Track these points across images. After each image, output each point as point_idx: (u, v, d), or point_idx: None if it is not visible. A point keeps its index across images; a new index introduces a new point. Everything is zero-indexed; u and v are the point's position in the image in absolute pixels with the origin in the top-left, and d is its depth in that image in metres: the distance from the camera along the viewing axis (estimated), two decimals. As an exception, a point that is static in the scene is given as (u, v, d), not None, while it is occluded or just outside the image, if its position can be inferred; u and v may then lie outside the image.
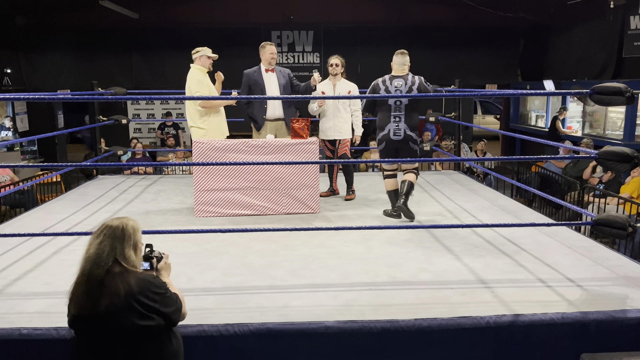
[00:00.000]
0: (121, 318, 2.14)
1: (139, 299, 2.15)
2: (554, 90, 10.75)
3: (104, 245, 2.21)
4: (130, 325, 2.15)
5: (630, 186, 6.27)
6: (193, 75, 5.03)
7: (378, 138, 4.70)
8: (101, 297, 2.14)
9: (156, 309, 2.19)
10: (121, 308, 2.14)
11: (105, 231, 2.24)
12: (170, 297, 2.27)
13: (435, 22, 11.95)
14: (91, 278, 2.17)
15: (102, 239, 2.22)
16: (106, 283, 2.15)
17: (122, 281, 2.16)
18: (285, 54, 12.45)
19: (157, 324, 2.20)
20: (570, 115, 11.31)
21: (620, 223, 3.23)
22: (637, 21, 9.15)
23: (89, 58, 11.80)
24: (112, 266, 2.18)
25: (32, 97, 4.73)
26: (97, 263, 2.18)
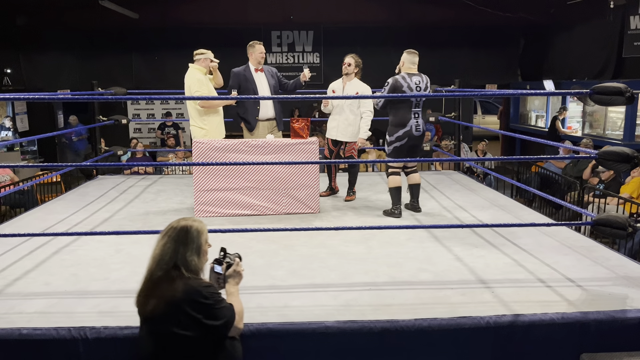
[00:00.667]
0: (162, 323, 2.14)
1: (183, 307, 2.13)
2: (554, 90, 10.75)
3: (167, 248, 2.20)
4: (167, 332, 2.14)
5: (630, 186, 6.27)
6: (192, 75, 5.03)
7: (397, 135, 4.67)
8: (151, 299, 2.15)
9: (198, 320, 2.14)
10: (164, 314, 2.13)
11: (170, 233, 2.23)
12: (220, 310, 2.19)
13: (435, 22, 11.95)
14: (151, 278, 2.19)
15: (166, 240, 2.22)
16: (159, 286, 2.15)
17: (171, 287, 2.14)
18: (285, 54, 12.45)
19: (197, 335, 2.15)
20: (570, 115, 11.31)
21: (620, 223, 3.23)
22: (637, 21, 9.15)
23: (89, 58, 11.81)
24: (171, 270, 2.17)
25: (32, 97, 4.73)
26: (159, 264, 2.19)
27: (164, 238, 2.23)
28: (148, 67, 12.08)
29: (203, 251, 2.29)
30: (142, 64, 12.12)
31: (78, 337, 2.60)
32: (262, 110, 5.36)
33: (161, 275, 2.17)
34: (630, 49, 9.33)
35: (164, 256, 2.19)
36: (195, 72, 5.05)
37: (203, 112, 5.03)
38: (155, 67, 11.97)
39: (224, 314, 2.20)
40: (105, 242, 4.05)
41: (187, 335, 2.14)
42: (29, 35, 11.70)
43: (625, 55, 9.50)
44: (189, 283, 2.17)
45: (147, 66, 12.09)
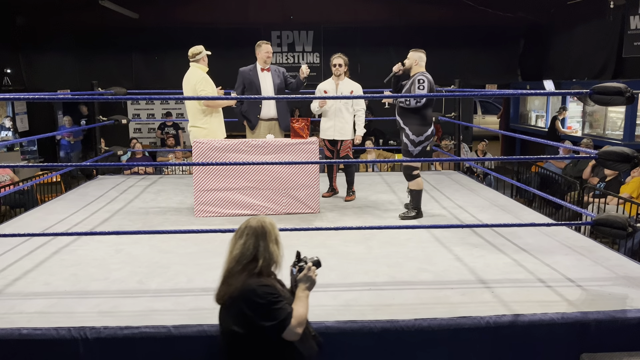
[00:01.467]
0: (222, 316, 2.25)
1: (238, 304, 2.18)
2: (554, 90, 10.75)
3: (249, 245, 2.26)
4: (224, 326, 2.24)
5: (630, 186, 6.27)
6: (197, 74, 5.00)
7: (426, 134, 4.58)
8: (222, 289, 2.24)
9: (250, 319, 2.16)
10: (224, 307, 2.23)
11: (247, 231, 2.29)
12: (275, 311, 2.17)
13: (435, 22, 11.95)
14: (229, 274, 2.25)
15: (245, 238, 2.28)
16: (231, 279, 2.22)
17: (236, 281, 2.20)
18: (285, 54, 12.45)
19: (249, 333, 2.18)
20: (570, 115, 11.31)
21: (620, 223, 3.23)
22: (637, 21, 9.15)
23: (89, 58, 11.80)
24: (248, 264, 2.23)
25: (32, 97, 4.72)
26: (239, 262, 2.24)
27: (242, 237, 2.29)
28: (148, 67, 12.07)
29: (280, 242, 2.37)
30: (142, 64, 12.11)
31: (78, 337, 2.60)
32: (264, 109, 5.36)
33: (239, 269, 2.23)
34: (630, 49, 9.32)
35: (245, 252, 2.26)
36: (198, 71, 5.03)
37: (207, 111, 5.01)
38: (155, 67, 11.96)
39: (277, 315, 2.18)
40: (105, 242, 4.05)
41: (240, 332, 2.19)
42: (29, 35, 11.70)
43: (625, 55, 9.50)
44: (247, 281, 2.21)
45: (147, 66, 12.09)
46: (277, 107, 5.39)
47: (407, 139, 4.61)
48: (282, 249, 2.37)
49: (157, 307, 2.91)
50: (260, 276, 2.24)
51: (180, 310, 2.87)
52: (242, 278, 2.21)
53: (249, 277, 2.21)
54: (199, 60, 5.06)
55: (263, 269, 2.25)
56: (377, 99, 4.74)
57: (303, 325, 2.25)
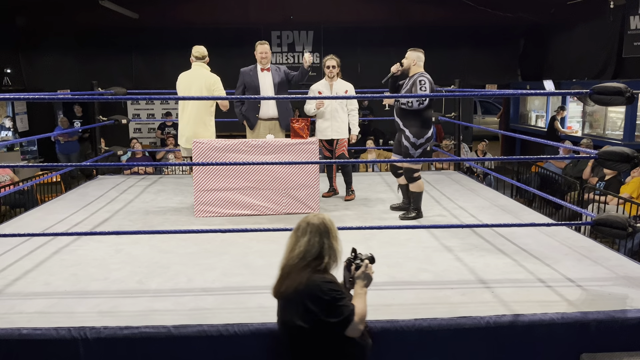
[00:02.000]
0: (283, 309, 2.28)
1: (303, 300, 2.20)
2: (554, 90, 10.75)
3: (314, 242, 2.28)
4: (288, 320, 2.26)
5: (630, 186, 6.27)
6: (211, 75, 5.08)
7: (427, 136, 4.55)
8: (285, 282, 2.26)
9: (315, 315, 2.18)
10: (287, 301, 2.25)
11: (310, 228, 2.31)
12: (339, 307, 2.20)
13: (435, 22, 11.95)
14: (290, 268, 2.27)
15: (309, 236, 2.29)
16: (295, 273, 2.24)
17: (300, 276, 2.22)
18: (285, 54, 12.45)
19: (312, 328, 2.20)
20: (570, 115, 11.31)
21: (620, 223, 3.23)
22: (637, 21, 9.15)
23: (89, 58, 11.80)
24: (313, 261, 2.25)
25: (32, 97, 4.72)
26: (304, 258, 2.26)
27: (306, 235, 2.30)
28: (148, 67, 12.07)
29: (339, 239, 2.39)
30: (142, 64, 12.11)
31: (78, 337, 2.60)
32: (263, 109, 5.37)
33: (303, 265, 2.25)
34: (630, 49, 9.33)
35: (310, 249, 2.27)
36: (208, 71, 5.11)
37: (211, 112, 5.13)
38: (155, 67, 11.96)
39: (341, 312, 2.22)
40: (105, 242, 4.05)
41: (304, 326, 2.21)
42: (29, 35, 11.70)
43: (625, 55, 9.50)
44: (312, 277, 2.23)
45: (147, 66, 12.09)
46: (278, 107, 5.39)
47: (407, 142, 4.56)
48: (341, 245, 2.39)
49: (157, 307, 2.91)
50: (324, 273, 2.27)
51: (180, 310, 2.87)
52: (306, 274, 2.23)
53: (313, 273, 2.24)
54: (207, 61, 5.10)
55: (327, 266, 2.29)
56: (377, 99, 4.71)
57: (364, 322, 2.31)
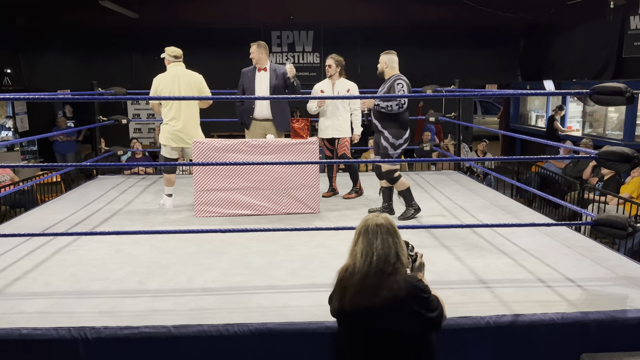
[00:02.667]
0: (390, 319, 2.16)
1: (407, 302, 2.15)
2: (554, 90, 10.75)
3: (389, 243, 2.20)
4: (396, 328, 2.16)
5: (630, 186, 6.27)
6: (196, 75, 5.09)
7: (405, 137, 4.59)
8: (376, 296, 2.14)
9: (421, 314, 2.17)
10: (390, 309, 2.15)
11: (381, 230, 2.23)
12: (433, 300, 2.21)
13: (435, 22, 11.95)
14: (374, 274, 2.16)
15: (382, 237, 2.21)
16: (386, 281, 2.16)
17: (395, 282, 2.16)
18: (285, 54, 12.45)
19: (420, 329, 2.19)
20: (570, 115, 11.31)
21: (620, 223, 3.23)
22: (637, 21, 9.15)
23: (89, 58, 11.80)
24: (395, 263, 2.18)
25: (32, 97, 4.73)
26: (387, 261, 2.18)
27: (378, 237, 2.21)
28: (148, 67, 12.05)
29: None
30: (142, 64, 12.11)
31: (78, 337, 2.60)
32: (257, 109, 5.37)
33: (391, 270, 2.18)
34: (630, 49, 9.32)
35: (389, 252, 2.19)
36: (192, 71, 5.12)
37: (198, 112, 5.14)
38: (155, 67, 11.89)
39: (437, 304, 2.22)
40: (105, 242, 4.05)
41: (413, 329, 2.17)
42: (29, 35, 11.70)
43: (625, 55, 9.49)
44: (406, 279, 2.20)
45: (147, 66, 12.07)
46: (272, 108, 5.34)
47: (386, 142, 4.60)
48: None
49: (157, 307, 2.91)
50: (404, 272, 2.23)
51: (180, 310, 2.87)
52: (398, 277, 2.18)
53: (402, 275, 2.20)
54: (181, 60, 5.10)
55: (405, 265, 2.25)
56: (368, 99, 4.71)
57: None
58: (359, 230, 2.27)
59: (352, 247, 2.27)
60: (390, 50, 4.70)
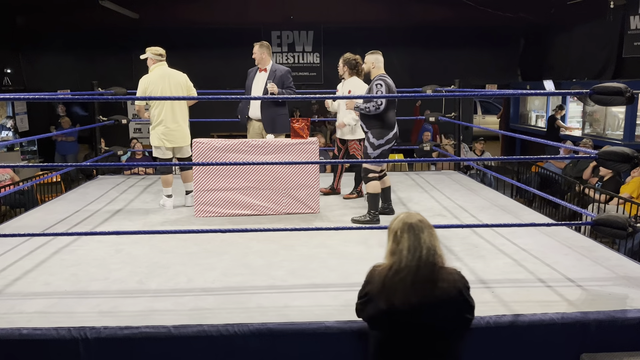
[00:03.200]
0: (446, 310, 2.18)
1: (462, 294, 2.20)
2: (554, 90, 10.75)
3: (433, 236, 2.23)
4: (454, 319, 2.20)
5: (630, 186, 6.27)
6: (181, 73, 5.17)
7: (387, 137, 4.52)
8: (435, 288, 2.15)
9: (471, 305, 2.24)
10: (448, 300, 2.17)
11: (423, 225, 2.24)
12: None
13: (436, 22, 11.95)
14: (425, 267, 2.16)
15: (427, 231, 2.22)
16: (439, 274, 2.17)
17: (449, 273, 2.20)
18: (285, 54, 12.45)
19: (471, 320, 2.25)
20: (570, 115, 11.31)
21: (620, 223, 3.23)
22: (637, 21, 9.15)
23: (89, 58, 11.81)
24: (440, 256, 2.21)
25: (32, 97, 4.73)
26: (437, 253, 2.19)
27: (423, 231, 2.22)
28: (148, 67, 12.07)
29: None
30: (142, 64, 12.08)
31: (78, 337, 2.60)
32: (252, 109, 5.38)
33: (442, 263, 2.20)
34: (630, 49, 9.33)
35: (436, 243, 2.22)
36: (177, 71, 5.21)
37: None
38: (155, 67, 11.95)
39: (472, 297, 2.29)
40: (105, 242, 4.05)
41: (468, 319, 2.23)
42: (29, 35, 11.70)
43: (625, 55, 9.50)
44: (455, 270, 2.25)
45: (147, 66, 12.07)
46: (262, 110, 5.30)
47: (367, 142, 4.60)
48: None
49: (157, 307, 2.91)
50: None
51: (180, 310, 2.87)
52: (449, 269, 2.22)
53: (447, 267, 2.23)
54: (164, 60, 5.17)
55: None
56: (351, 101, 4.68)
57: None
58: (398, 228, 2.25)
59: (393, 246, 2.26)
60: (376, 51, 4.69)
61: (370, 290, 2.24)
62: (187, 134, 5.10)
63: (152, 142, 5.05)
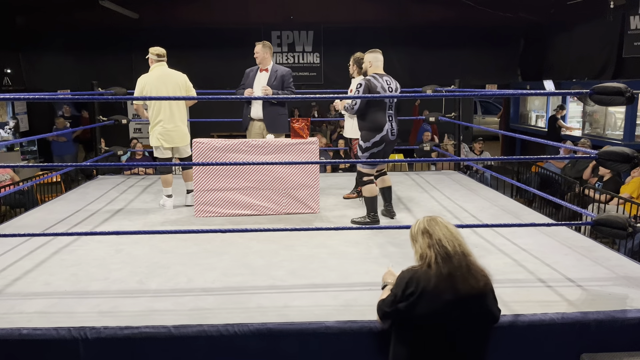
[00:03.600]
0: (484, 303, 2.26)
1: (492, 289, 2.28)
2: (554, 90, 10.75)
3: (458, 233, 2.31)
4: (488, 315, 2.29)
5: (630, 186, 6.27)
6: (181, 74, 5.15)
7: (374, 140, 4.36)
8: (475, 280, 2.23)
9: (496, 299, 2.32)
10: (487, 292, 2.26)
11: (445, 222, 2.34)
12: None
13: (435, 22, 11.96)
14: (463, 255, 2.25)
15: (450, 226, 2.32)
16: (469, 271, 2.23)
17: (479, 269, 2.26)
18: (285, 54, 12.45)
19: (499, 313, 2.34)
20: (570, 115, 11.31)
21: (620, 223, 3.23)
22: (637, 21, 9.15)
23: (89, 58, 11.82)
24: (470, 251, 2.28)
25: (32, 97, 4.72)
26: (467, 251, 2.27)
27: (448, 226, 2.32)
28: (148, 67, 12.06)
29: None
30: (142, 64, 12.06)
31: (78, 337, 2.60)
32: (253, 109, 5.38)
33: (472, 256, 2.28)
34: (630, 49, 9.33)
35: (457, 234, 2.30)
36: (176, 71, 5.20)
37: None
38: (155, 67, 11.95)
39: None
40: (105, 242, 4.05)
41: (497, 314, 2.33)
42: (29, 35, 11.71)
43: (625, 55, 9.51)
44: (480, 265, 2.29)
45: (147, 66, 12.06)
46: (263, 109, 5.31)
47: (358, 145, 4.56)
48: None
49: (157, 307, 2.91)
50: None
51: (180, 310, 2.87)
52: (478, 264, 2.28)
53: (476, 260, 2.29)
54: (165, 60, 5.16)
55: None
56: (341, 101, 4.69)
57: None
58: (425, 225, 2.36)
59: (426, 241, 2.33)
60: (375, 49, 4.61)
61: (420, 287, 2.25)
62: (185, 133, 5.10)
63: (151, 142, 5.05)
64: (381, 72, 4.48)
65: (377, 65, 4.51)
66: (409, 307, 2.26)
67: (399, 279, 2.36)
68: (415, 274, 2.30)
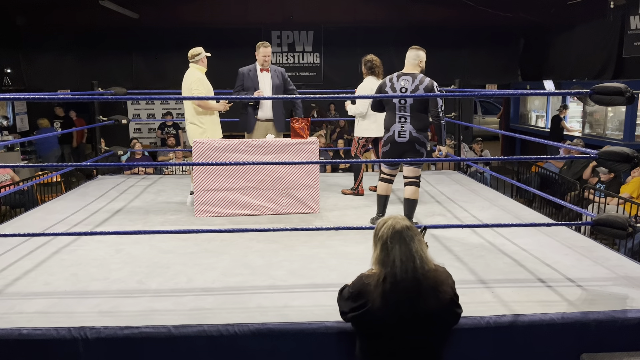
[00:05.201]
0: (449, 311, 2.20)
1: (454, 289, 2.22)
2: (554, 90, 10.75)
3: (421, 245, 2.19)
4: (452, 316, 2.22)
5: (630, 186, 6.27)
6: (193, 74, 5.07)
7: (383, 139, 4.35)
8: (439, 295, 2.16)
9: (458, 300, 2.25)
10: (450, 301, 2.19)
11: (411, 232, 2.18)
12: None
13: (435, 22, 11.95)
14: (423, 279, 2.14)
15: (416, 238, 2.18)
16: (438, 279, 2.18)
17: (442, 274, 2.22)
18: (285, 54, 12.45)
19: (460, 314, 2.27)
20: (570, 115, 11.31)
21: (620, 223, 3.23)
22: (637, 21, 9.15)
23: (89, 58, 11.81)
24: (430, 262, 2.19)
25: (32, 97, 4.72)
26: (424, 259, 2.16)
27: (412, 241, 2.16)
28: (148, 67, 12.08)
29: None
30: (142, 64, 12.12)
31: (78, 337, 2.60)
32: (261, 111, 5.37)
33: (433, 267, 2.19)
34: (630, 49, 9.33)
35: (422, 252, 2.16)
36: (195, 71, 5.09)
37: (200, 111, 5.08)
38: (155, 67, 11.97)
39: None
40: (105, 242, 4.05)
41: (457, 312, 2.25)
42: (29, 35, 11.70)
43: (625, 55, 9.50)
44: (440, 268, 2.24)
45: (147, 66, 12.09)
46: (273, 108, 5.39)
47: None
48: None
49: (157, 307, 2.91)
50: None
51: (180, 310, 2.87)
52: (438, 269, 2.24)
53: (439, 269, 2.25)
54: (197, 61, 5.12)
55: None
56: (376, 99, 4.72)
57: None
58: (387, 237, 2.17)
59: (383, 256, 2.17)
60: (414, 46, 4.40)
61: (368, 304, 2.17)
62: (190, 130, 5.13)
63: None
64: (405, 71, 4.29)
65: (405, 64, 4.34)
66: (358, 318, 2.22)
67: (353, 284, 2.29)
68: (366, 287, 2.20)
